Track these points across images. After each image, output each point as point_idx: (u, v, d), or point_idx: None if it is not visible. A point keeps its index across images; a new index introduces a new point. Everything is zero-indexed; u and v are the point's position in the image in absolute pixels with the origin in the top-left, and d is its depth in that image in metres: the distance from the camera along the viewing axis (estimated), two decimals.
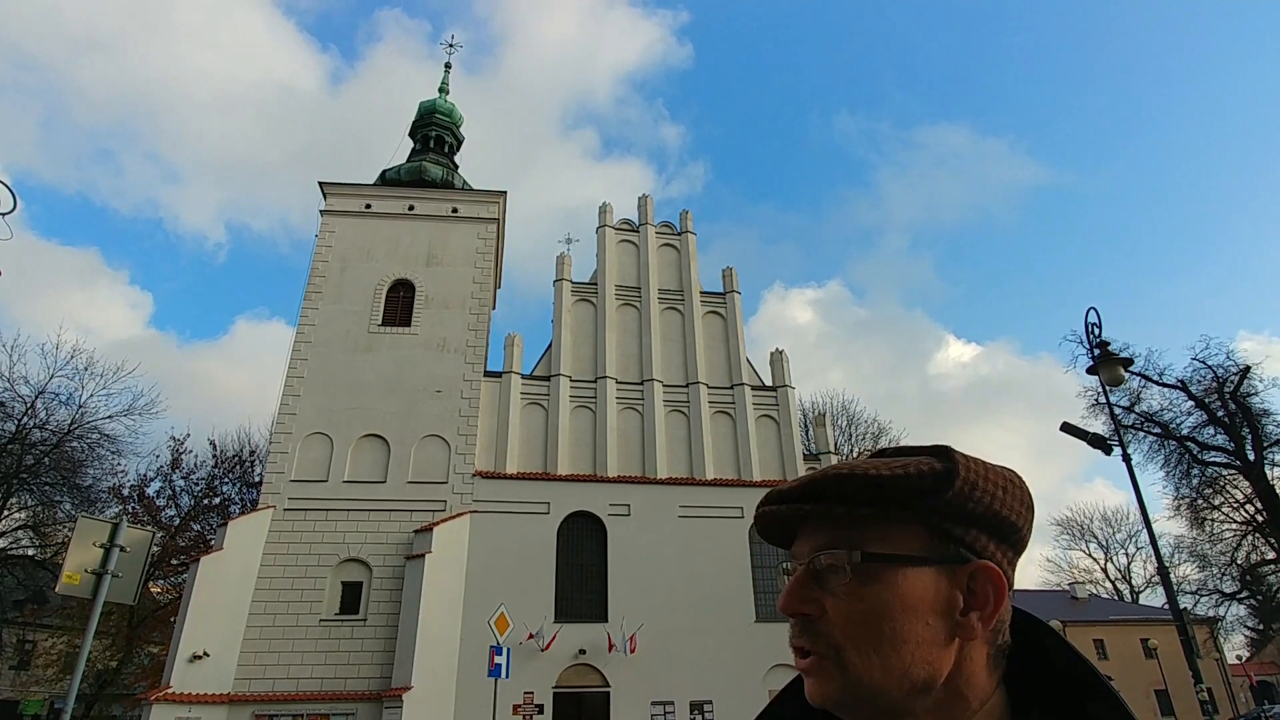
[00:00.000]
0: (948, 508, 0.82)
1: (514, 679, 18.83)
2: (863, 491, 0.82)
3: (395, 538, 23.24)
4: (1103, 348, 11.93)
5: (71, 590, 7.26)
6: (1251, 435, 27.57)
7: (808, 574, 0.84)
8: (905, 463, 0.83)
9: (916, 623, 0.80)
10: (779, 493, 0.88)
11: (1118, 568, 61.16)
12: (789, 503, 0.87)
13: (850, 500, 0.83)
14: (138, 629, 28.49)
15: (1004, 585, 0.83)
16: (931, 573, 0.82)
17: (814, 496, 0.85)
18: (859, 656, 0.79)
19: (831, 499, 0.84)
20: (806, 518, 0.87)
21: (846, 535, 0.83)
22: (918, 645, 0.79)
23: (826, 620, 0.81)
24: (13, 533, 29.03)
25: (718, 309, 30.31)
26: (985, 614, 0.82)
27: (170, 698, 19.47)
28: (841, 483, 0.83)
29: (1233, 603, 34.12)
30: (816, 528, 0.86)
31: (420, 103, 35.83)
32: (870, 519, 0.82)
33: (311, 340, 26.10)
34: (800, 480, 0.87)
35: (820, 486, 0.84)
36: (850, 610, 0.80)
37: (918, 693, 0.80)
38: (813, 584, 0.83)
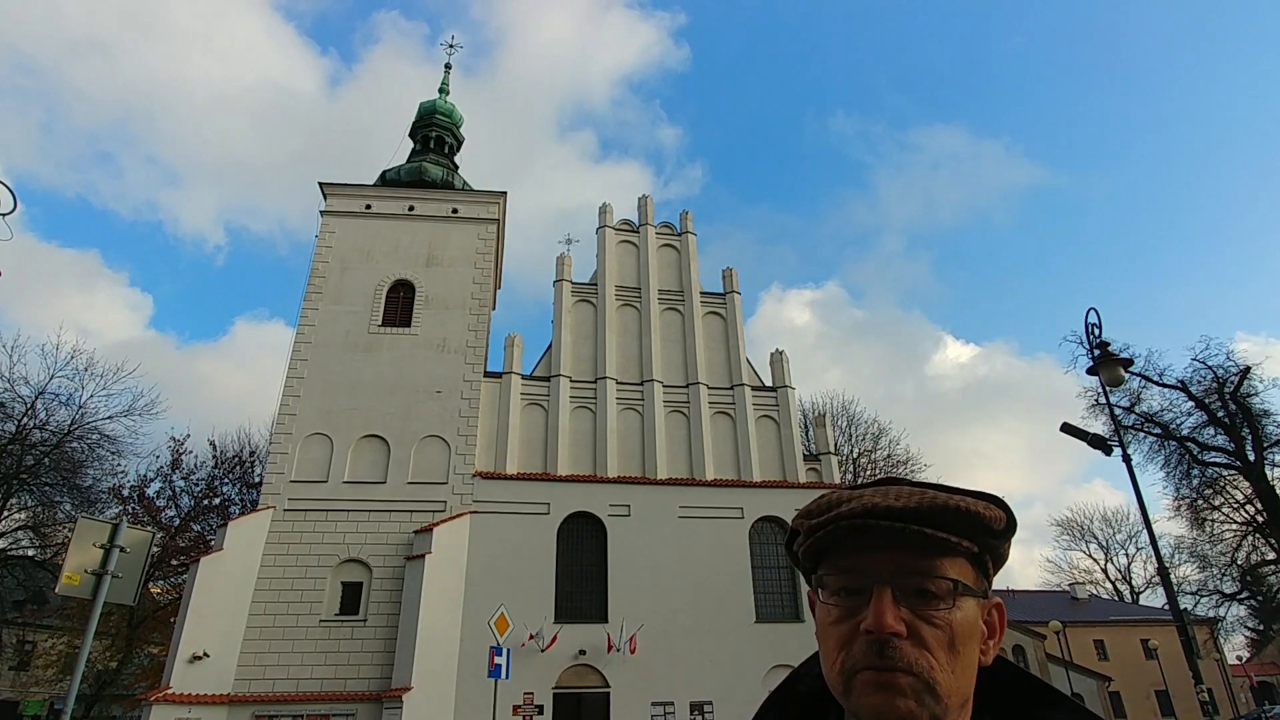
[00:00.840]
0: (995, 551, 0.93)
1: (514, 679, 18.83)
2: (960, 524, 0.88)
3: (395, 538, 23.23)
4: (1103, 348, 11.93)
5: (71, 591, 7.25)
6: (1251, 436, 27.57)
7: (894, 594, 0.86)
8: (988, 505, 0.91)
9: (973, 649, 0.89)
10: (890, 509, 0.87)
11: (1118, 568, 61.22)
12: (904, 522, 0.87)
13: (946, 528, 0.87)
14: (138, 629, 28.46)
15: (1005, 618, 0.95)
16: (976, 604, 0.90)
17: (924, 519, 0.87)
18: (944, 678, 0.84)
19: (933, 524, 0.87)
20: (872, 533, 0.88)
21: (933, 562, 0.88)
22: (971, 669, 0.88)
23: (916, 642, 0.84)
24: (13, 533, 29.04)
25: (718, 309, 30.30)
26: (996, 642, 0.93)
27: (170, 698, 19.45)
28: (953, 512, 0.88)
29: (1233, 603, 34.10)
30: (898, 547, 0.87)
31: (420, 103, 35.83)
32: (942, 549, 0.88)
33: (311, 341, 26.09)
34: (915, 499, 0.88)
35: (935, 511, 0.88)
36: (942, 636, 0.85)
37: (959, 711, 0.87)
38: (897, 604, 0.86)
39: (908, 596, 0.86)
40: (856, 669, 0.84)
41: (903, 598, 0.85)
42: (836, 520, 0.88)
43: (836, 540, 0.90)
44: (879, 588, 0.86)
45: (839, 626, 0.88)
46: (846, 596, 0.88)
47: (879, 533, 0.87)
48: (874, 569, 0.87)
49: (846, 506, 0.88)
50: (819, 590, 0.93)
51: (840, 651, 0.87)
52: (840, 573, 0.89)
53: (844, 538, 0.89)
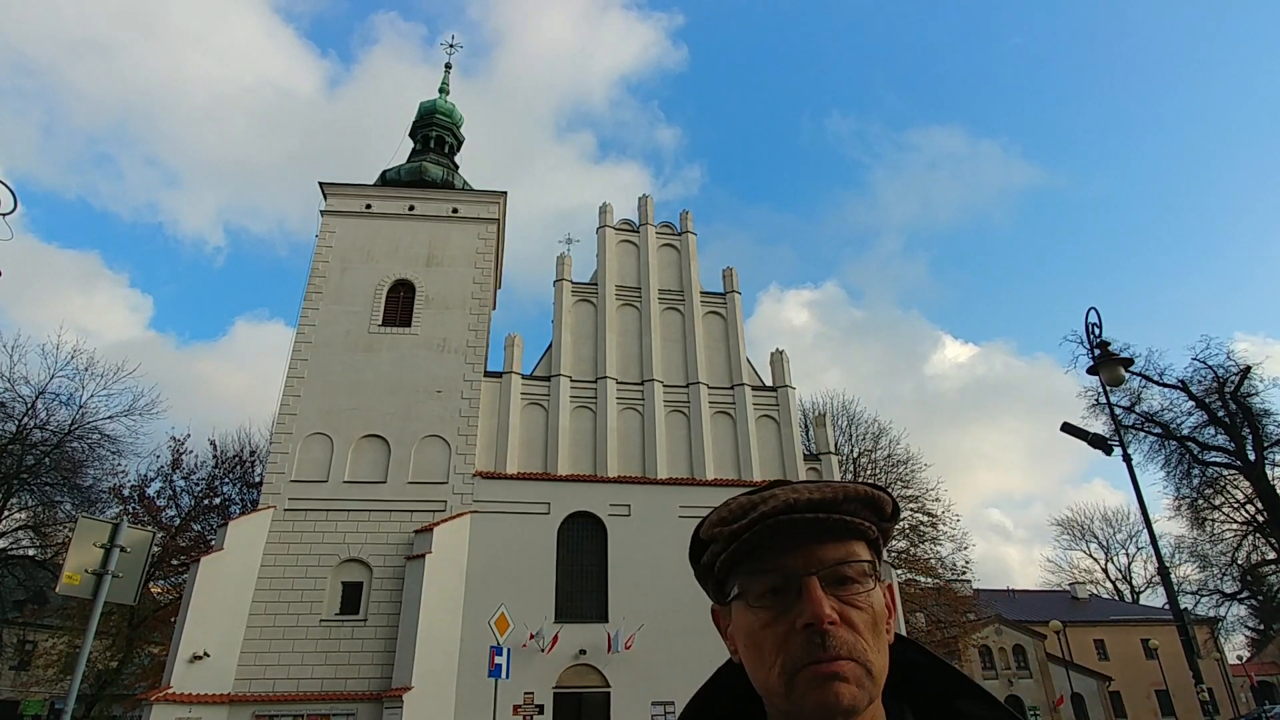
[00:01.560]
0: (886, 534, 0.97)
1: (514, 679, 18.82)
2: (867, 509, 0.93)
3: (395, 538, 23.23)
4: (1103, 348, 11.92)
5: (72, 590, 7.26)
6: (1252, 435, 27.56)
7: (822, 584, 0.88)
8: (879, 491, 0.94)
9: (886, 627, 0.92)
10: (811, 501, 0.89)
11: (1118, 568, 61.23)
12: (830, 512, 0.90)
13: (858, 514, 0.92)
14: (138, 629, 28.45)
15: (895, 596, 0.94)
16: (879, 585, 0.94)
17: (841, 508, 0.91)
18: (876, 659, 0.88)
19: (848, 511, 0.91)
20: (796, 529, 0.90)
21: (846, 549, 0.91)
22: (887, 648, 0.92)
23: (848, 628, 0.87)
24: (13, 533, 29.05)
25: (718, 309, 30.29)
26: (893, 619, 0.96)
27: (170, 698, 19.45)
28: (868, 500, 0.93)
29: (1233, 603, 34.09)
30: (818, 539, 0.90)
31: (420, 103, 35.81)
32: (853, 534, 0.92)
33: (312, 340, 26.08)
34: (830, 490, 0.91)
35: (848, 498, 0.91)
36: (867, 618, 0.89)
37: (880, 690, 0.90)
38: (825, 594, 0.88)
39: (831, 585, 0.88)
40: (799, 666, 0.84)
41: (827, 587, 0.88)
42: (762, 519, 0.88)
43: (758, 543, 0.90)
44: (808, 580, 0.87)
45: (773, 628, 0.87)
46: (774, 597, 0.88)
47: (799, 527, 0.88)
48: (799, 564, 0.88)
49: (766, 506, 0.89)
50: (739, 599, 0.92)
51: (779, 653, 0.86)
52: (765, 574, 0.89)
53: (765, 539, 0.89)
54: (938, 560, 33.66)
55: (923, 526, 33.68)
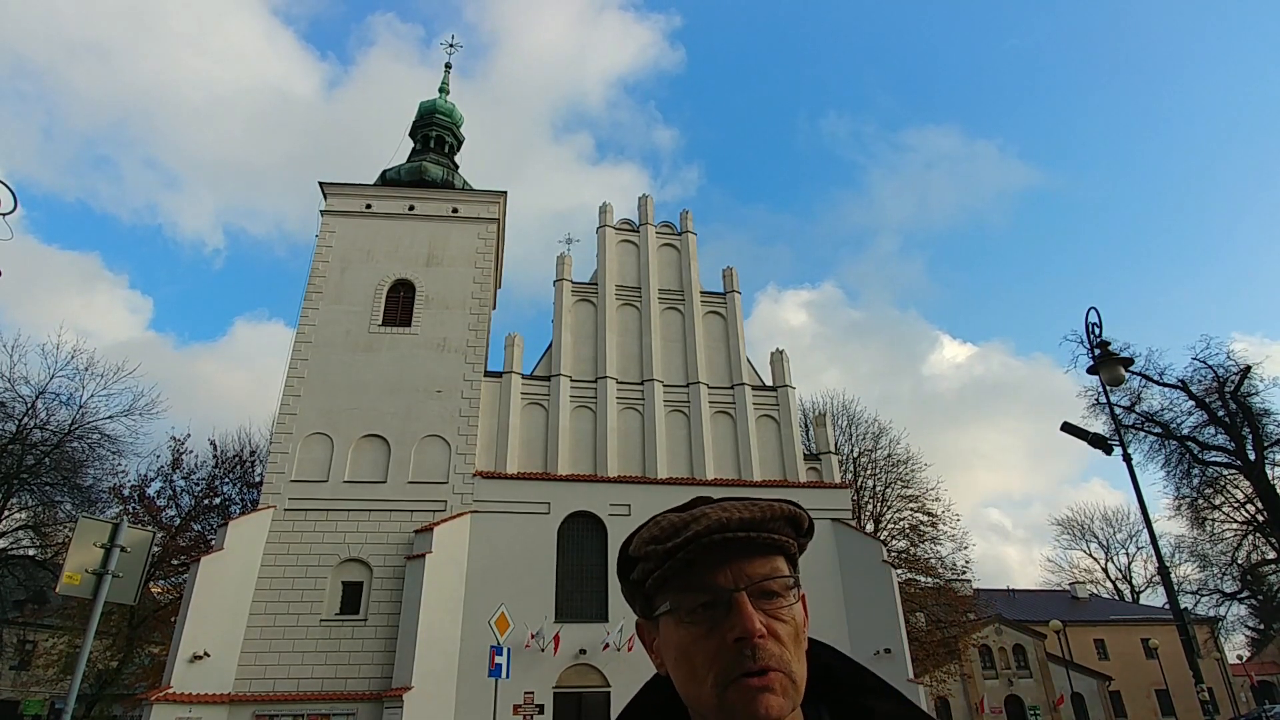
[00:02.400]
0: (803, 548, 1.01)
1: (514, 679, 18.82)
2: (792, 526, 0.97)
3: (395, 538, 23.22)
4: (1103, 347, 11.92)
5: (72, 590, 7.25)
6: (1252, 435, 27.56)
7: (749, 598, 0.91)
8: (797, 507, 0.99)
9: (805, 638, 0.96)
10: (743, 520, 0.93)
11: (1118, 568, 61.25)
12: (759, 531, 0.94)
13: (780, 531, 0.96)
14: (138, 629, 28.45)
15: None
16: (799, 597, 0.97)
17: (769, 526, 0.95)
18: (798, 669, 0.92)
19: (772, 530, 0.95)
20: (726, 547, 0.93)
21: (770, 564, 0.95)
22: (804, 655, 0.95)
23: (773, 640, 0.90)
24: (13, 533, 29.03)
25: (718, 309, 30.28)
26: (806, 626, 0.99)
27: (171, 698, 19.44)
28: (790, 518, 0.97)
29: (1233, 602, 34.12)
30: (746, 555, 0.94)
31: (420, 103, 35.80)
32: (776, 550, 0.96)
33: (312, 340, 26.08)
34: (759, 509, 0.94)
35: (774, 517, 0.95)
36: (790, 630, 0.92)
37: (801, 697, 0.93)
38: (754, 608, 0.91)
39: (758, 599, 0.92)
40: (730, 679, 0.88)
41: (754, 601, 0.91)
42: (697, 539, 0.91)
43: (690, 561, 0.92)
44: (738, 596, 0.90)
45: (705, 642, 0.90)
46: (706, 612, 0.91)
47: (729, 545, 0.92)
48: (728, 580, 0.92)
49: (700, 525, 0.91)
50: (669, 615, 0.94)
51: (711, 667, 0.89)
52: (696, 591, 0.92)
53: (697, 557, 0.92)
54: (938, 560, 33.66)
55: (923, 526, 33.69)
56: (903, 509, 34.60)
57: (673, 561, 0.92)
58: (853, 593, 24.66)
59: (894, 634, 23.91)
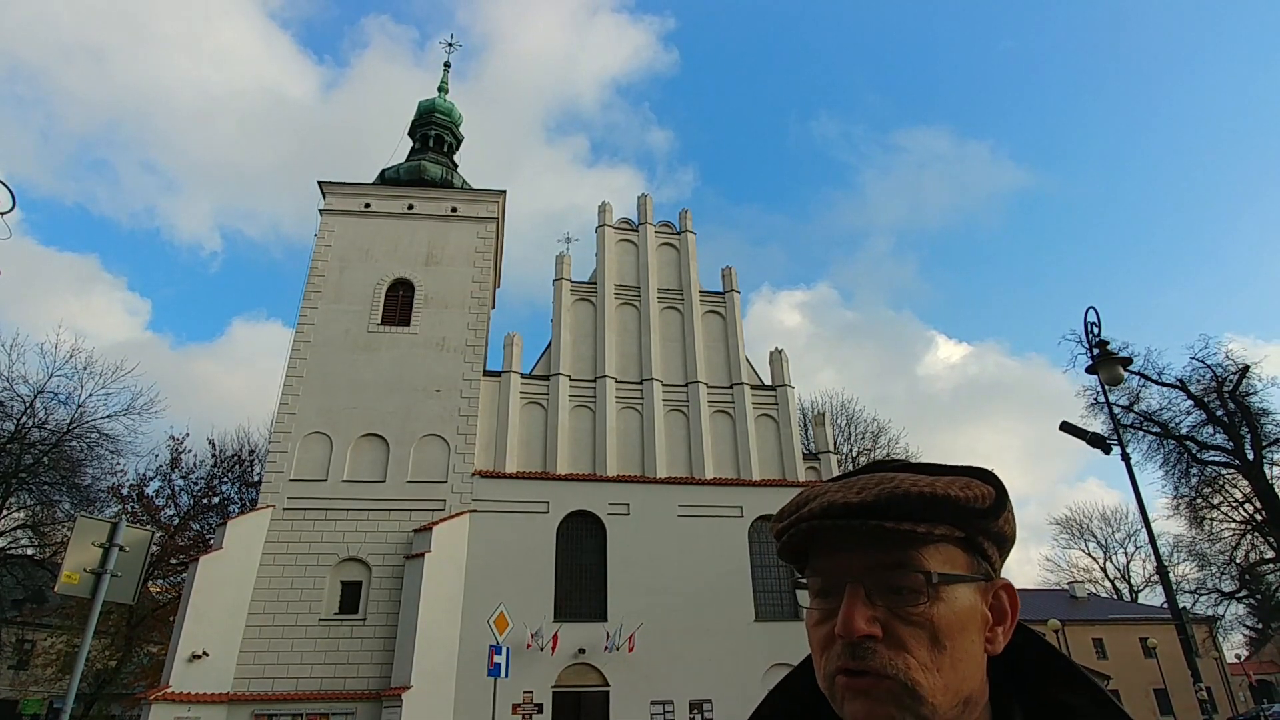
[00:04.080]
0: (989, 531, 0.86)
1: (513, 678, 18.84)
2: (933, 511, 0.82)
3: (394, 537, 23.22)
4: (1102, 347, 11.92)
5: (70, 590, 7.25)
6: (1250, 434, 27.57)
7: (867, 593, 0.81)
8: (968, 484, 0.84)
9: (967, 641, 0.82)
10: (847, 505, 0.82)
11: (1117, 567, 61.23)
12: (860, 518, 0.82)
13: (912, 517, 0.82)
14: (137, 628, 28.46)
15: (1018, 599, 0.88)
16: (972, 591, 0.84)
17: (884, 513, 0.82)
18: (926, 678, 0.78)
19: (896, 515, 0.81)
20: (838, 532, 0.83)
21: (906, 554, 0.82)
22: (967, 662, 0.81)
23: (891, 642, 0.79)
24: (12, 532, 29.01)
25: (717, 308, 30.29)
26: (1006, 627, 0.86)
27: (169, 697, 19.44)
28: (917, 500, 0.82)
29: (1232, 602, 34.14)
30: (866, 544, 0.82)
31: (419, 102, 35.77)
32: (921, 538, 0.82)
33: (311, 340, 26.06)
34: (872, 492, 0.82)
35: (895, 501, 0.82)
36: (921, 633, 0.79)
37: (961, 707, 0.81)
38: (871, 603, 0.81)
39: (882, 594, 0.81)
40: (834, 673, 0.81)
41: (878, 595, 0.81)
42: (797, 523, 0.85)
43: (810, 541, 0.86)
44: (850, 587, 0.81)
45: (820, 629, 0.84)
46: (824, 598, 0.85)
47: (845, 530, 0.82)
48: (845, 568, 0.83)
49: (807, 507, 0.84)
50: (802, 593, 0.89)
51: (822, 655, 0.83)
52: (816, 574, 0.86)
53: (815, 538, 0.85)
54: None
55: None
56: None
57: (781, 544, 0.87)
58: None
59: None
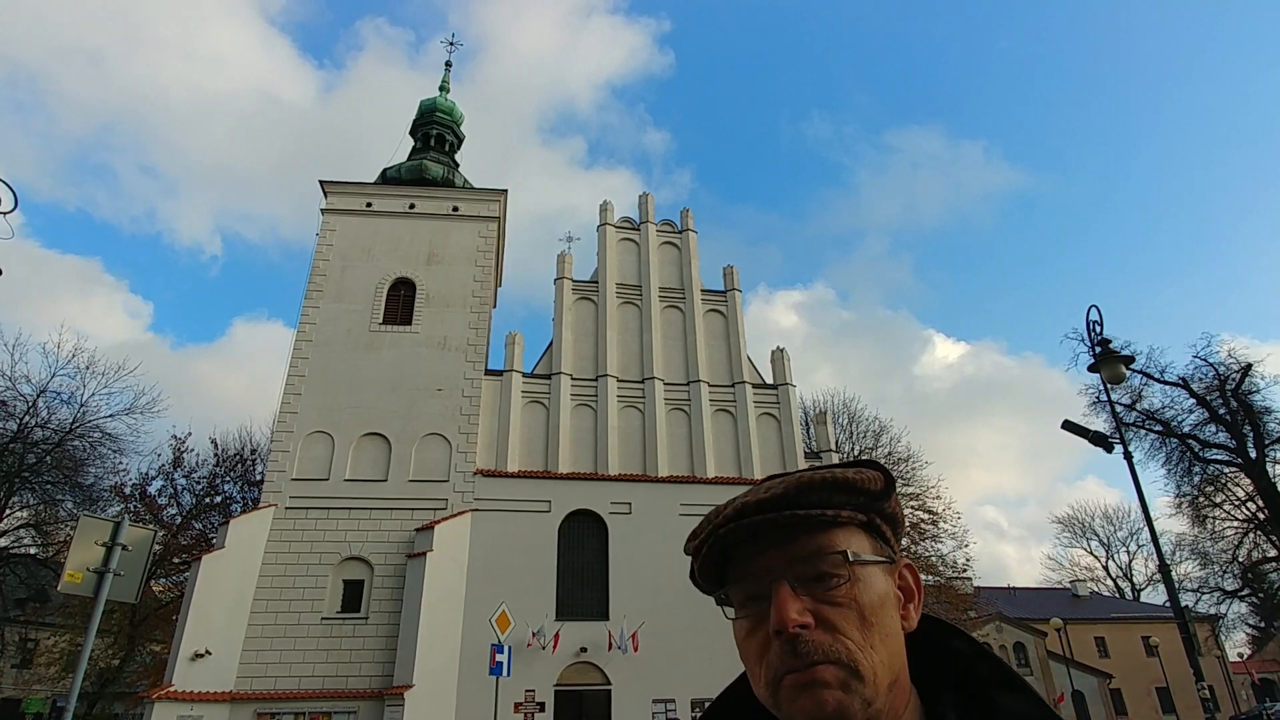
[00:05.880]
0: (885, 513, 0.91)
1: (515, 677, 18.84)
2: (836, 495, 0.87)
3: (396, 536, 23.24)
4: (1104, 345, 11.90)
5: (73, 589, 7.26)
6: (1253, 433, 27.54)
7: (792, 587, 0.84)
8: (859, 470, 0.89)
9: (889, 617, 0.86)
10: (760, 502, 0.85)
11: (1119, 565, 61.22)
12: (776, 510, 0.85)
13: (820, 504, 0.86)
14: (140, 627, 28.49)
15: (920, 578, 0.93)
16: (881, 570, 0.88)
17: (795, 503, 0.85)
18: (865, 656, 0.81)
19: (806, 504, 0.85)
20: (758, 532, 0.86)
21: (821, 540, 0.85)
22: (894, 638, 0.85)
23: (826, 628, 0.82)
24: (14, 531, 29.07)
25: (718, 307, 30.28)
26: (916, 604, 0.92)
27: (172, 696, 19.47)
28: (821, 486, 0.86)
29: (1234, 600, 34.10)
30: (782, 539, 0.85)
31: (421, 101, 35.77)
32: (830, 521, 0.86)
33: (313, 339, 26.08)
34: (780, 486, 0.86)
35: (803, 490, 0.85)
36: (850, 613, 0.83)
37: (894, 684, 0.84)
38: (798, 595, 0.83)
39: (806, 584, 0.83)
40: (779, 676, 0.81)
41: (801, 587, 0.83)
42: (715, 531, 0.86)
43: (727, 552, 0.88)
44: (777, 585, 0.83)
45: (754, 637, 0.85)
46: (753, 605, 0.86)
47: (760, 531, 0.85)
48: (766, 568, 0.85)
49: (722, 515, 0.86)
50: (727, 609, 0.90)
51: (761, 663, 0.83)
52: (740, 582, 0.87)
53: (733, 548, 0.87)
54: (939, 558, 33.67)
55: (923, 524, 33.68)
56: (903, 507, 34.56)
57: (701, 557, 0.88)
58: None
59: None
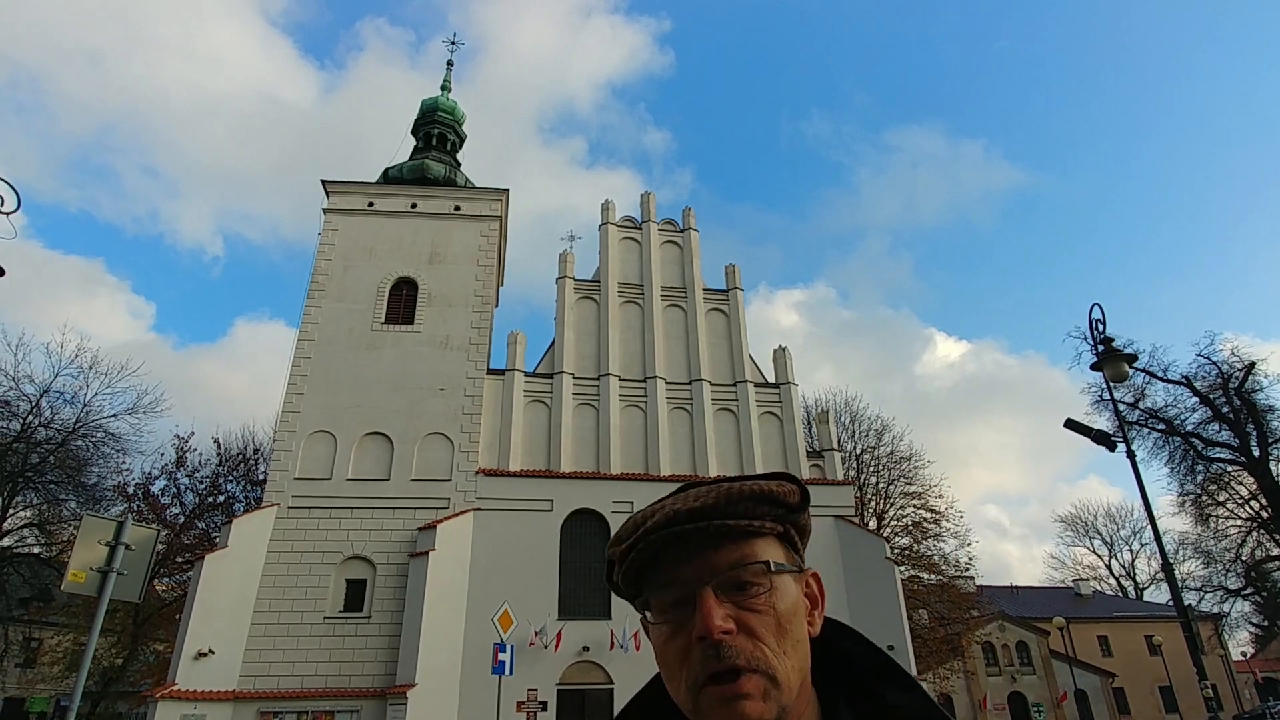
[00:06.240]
0: (798, 524, 0.94)
1: (518, 676, 18.85)
2: (761, 507, 0.90)
3: (399, 535, 23.27)
4: (1107, 344, 11.88)
5: (77, 588, 7.27)
6: (1256, 431, 27.49)
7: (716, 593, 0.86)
8: (780, 482, 0.92)
9: (800, 624, 0.89)
10: (691, 511, 0.87)
11: (1122, 564, 61.10)
12: (707, 519, 0.87)
13: (747, 515, 0.89)
14: (143, 626, 28.54)
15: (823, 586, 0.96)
16: (793, 579, 0.91)
17: (725, 513, 0.88)
18: (780, 662, 0.84)
19: (734, 514, 0.88)
20: (685, 539, 0.88)
21: (745, 549, 0.88)
22: (804, 643, 0.89)
23: (747, 634, 0.84)
24: (18, 531, 29.13)
25: (720, 306, 30.26)
26: (820, 611, 0.95)
27: (175, 695, 19.53)
28: (749, 498, 0.89)
29: (1237, 599, 34.09)
30: (707, 546, 0.88)
31: (422, 100, 35.77)
32: (754, 532, 0.90)
33: (315, 339, 26.11)
34: (711, 496, 0.88)
35: (732, 501, 0.88)
36: (769, 620, 0.86)
37: (801, 687, 0.87)
38: (721, 602, 0.85)
39: (728, 591, 0.86)
40: (700, 682, 0.83)
41: (724, 594, 0.85)
42: (645, 537, 0.88)
43: (652, 558, 0.89)
44: (702, 591, 0.85)
45: (675, 642, 0.86)
46: (675, 610, 0.87)
47: (689, 538, 0.87)
48: (691, 575, 0.87)
49: (651, 521, 0.88)
50: (648, 613, 0.91)
51: (682, 667, 0.85)
52: (663, 588, 0.89)
53: (659, 553, 0.88)
54: (941, 557, 33.65)
55: (926, 523, 33.66)
56: (905, 506, 34.58)
57: (628, 562, 0.89)
58: (856, 590, 24.65)
59: (897, 631, 23.90)
